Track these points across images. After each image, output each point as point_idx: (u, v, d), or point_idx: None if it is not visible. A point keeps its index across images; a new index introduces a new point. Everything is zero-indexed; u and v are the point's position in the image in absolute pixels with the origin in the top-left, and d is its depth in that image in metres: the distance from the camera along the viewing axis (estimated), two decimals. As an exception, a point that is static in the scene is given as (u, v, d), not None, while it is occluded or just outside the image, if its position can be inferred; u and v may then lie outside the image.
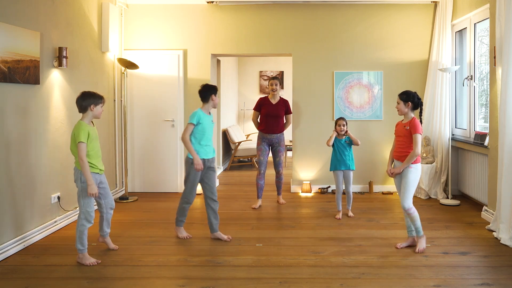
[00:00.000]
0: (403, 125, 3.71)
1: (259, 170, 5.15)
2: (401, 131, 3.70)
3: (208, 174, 3.95)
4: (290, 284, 3.00)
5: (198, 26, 5.97)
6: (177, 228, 4.04)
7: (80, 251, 3.40)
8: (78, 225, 3.39)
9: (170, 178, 6.02)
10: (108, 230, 3.69)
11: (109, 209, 3.63)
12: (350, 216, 4.72)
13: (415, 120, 3.63)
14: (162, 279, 3.11)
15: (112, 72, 5.68)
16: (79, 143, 3.25)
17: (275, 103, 5.17)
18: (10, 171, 3.63)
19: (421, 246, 3.62)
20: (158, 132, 5.99)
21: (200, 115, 3.84)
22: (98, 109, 3.40)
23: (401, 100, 3.70)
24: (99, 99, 3.42)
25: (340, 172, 4.74)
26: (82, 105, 3.36)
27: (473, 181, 5.11)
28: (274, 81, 5.16)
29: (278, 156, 5.17)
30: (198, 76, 5.99)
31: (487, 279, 3.07)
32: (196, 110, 3.87)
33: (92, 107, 3.36)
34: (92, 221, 3.43)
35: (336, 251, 3.64)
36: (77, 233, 3.39)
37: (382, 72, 5.94)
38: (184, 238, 3.98)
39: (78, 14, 4.78)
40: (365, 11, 5.92)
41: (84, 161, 3.27)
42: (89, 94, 3.39)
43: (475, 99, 5.12)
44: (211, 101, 3.91)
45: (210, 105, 3.94)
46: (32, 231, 3.89)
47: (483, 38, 5.15)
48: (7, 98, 3.60)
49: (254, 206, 5.12)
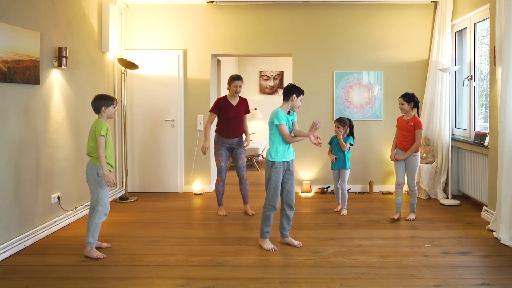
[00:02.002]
0: (406, 121, 4.49)
1: (220, 177, 4.73)
2: (405, 126, 4.48)
3: (287, 177, 3.73)
4: (290, 284, 3.00)
5: (198, 26, 5.97)
6: (263, 241, 3.73)
7: (91, 244, 3.51)
8: (95, 219, 3.51)
9: (170, 178, 6.03)
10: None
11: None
12: (342, 215, 4.77)
13: (418, 118, 4.47)
14: (162, 279, 3.11)
15: (112, 72, 5.68)
16: (100, 136, 3.44)
17: (235, 104, 4.72)
18: (10, 171, 3.63)
19: (411, 217, 4.56)
20: (158, 132, 5.99)
21: (284, 114, 3.64)
22: (110, 110, 3.60)
23: (405, 101, 4.46)
24: (110, 100, 3.61)
25: (336, 170, 4.92)
26: (95, 107, 3.59)
27: (473, 181, 5.11)
28: (239, 82, 4.64)
29: (240, 158, 4.75)
30: (198, 76, 5.99)
31: (487, 279, 3.07)
32: (278, 110, 3.65)
33: (104, 109, 3.57)
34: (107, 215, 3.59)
35: (336, 251, 3.64)
36: (92, 226, 3.50)
37: (382, 72, 5.94)
38: (270, 250, 3.66)
39: (78, 14, 4.78)
40: (365, 11, 5.92)
41: (102, 155, 3.44)
42: (101, 96, 3.61)
43: (475, 99, 5.12)
44: (290, 101, 3.69)
45: (289, 105, 3.71)
46: (32, 231, 3.89)
47: (483, 38, 5.15)
48: (7, 98, 3.60)
49: (221, 213, 4.82)
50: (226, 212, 4.86)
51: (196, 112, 6.00)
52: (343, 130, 4.79)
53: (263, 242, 3.73)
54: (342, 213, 4.81)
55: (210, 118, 4.75)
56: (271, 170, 3.64)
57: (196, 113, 6.01)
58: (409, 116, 4.47)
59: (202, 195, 5.87)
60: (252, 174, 7.57)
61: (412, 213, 4.60)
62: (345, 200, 4.85)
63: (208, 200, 5.62)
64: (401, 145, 4.52)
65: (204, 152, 4.72)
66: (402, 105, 4.46)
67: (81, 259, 3.48)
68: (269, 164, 3.67)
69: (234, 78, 4.69)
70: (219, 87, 7.53)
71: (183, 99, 5.98)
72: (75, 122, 4.68)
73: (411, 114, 4.47)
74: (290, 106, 3.71)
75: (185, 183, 6.07)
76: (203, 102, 6.00)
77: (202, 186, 5.96)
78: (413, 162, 4.46)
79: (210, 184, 6.10)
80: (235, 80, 4.66)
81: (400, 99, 4.50)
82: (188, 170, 6.05)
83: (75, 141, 4.67)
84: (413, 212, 4.60)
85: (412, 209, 4.60)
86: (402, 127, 4.52)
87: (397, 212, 4.59)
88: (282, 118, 3.61)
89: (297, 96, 3.69)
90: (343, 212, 4.82)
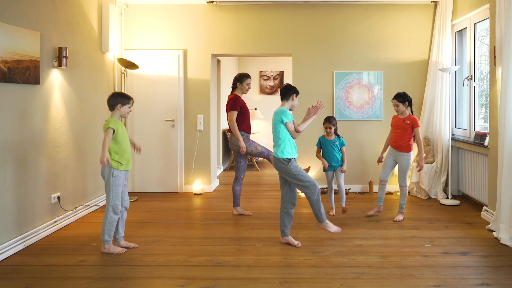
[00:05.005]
0: (402, 119, 4.46)
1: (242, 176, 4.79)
2: (401, 124, 4.45)
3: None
4: (290, 284, 3.00)
5: (198, 26, 5.97)
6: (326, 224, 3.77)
7: (107, 242, 3.59)
8: (106, 217, 3.57)
9: (170, 178, 6.03)
10: (123, 233, 3.77)
11: (124, 209, 3.75)
12: (345, 209, 4.68)
13: (414, 116, 4.46)
14: (162, 279, 3.11)
15: (112, 72, 5.68)
16: (108, 129, 3.48)
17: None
18: (10, 171, 3.63)
19: (398, 218, 4.51)
20: (158, 132, 5.99)
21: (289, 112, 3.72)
22: (125, 109, 3.64)
23: (399, 102, 4.43)
24: (127, 99, 3.66)
25: (331, 172, 4.78)
26: (111, 103, 3.62)
27: (473, 181, 5.12)
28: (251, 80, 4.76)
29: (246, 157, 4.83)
30: (198, 76, 5.99)
31: (487, 279, 3.07)
32: (284, 109, 3.69)
33: (119, 107, 3.61)
34: (119, 213, 3.62)
35: (336, 251, 3.64)
36: (106, 225, 3.57)
37: (382, 72, 5.94)
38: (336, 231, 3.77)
39: (78, 14, 4.78)
40: (365, 11, 5.92)
41: (106, 143, 3.45)
42: (118, 94, 3.66)
43: (475, 99, 5.12)
44: (290, 101, 3.75)
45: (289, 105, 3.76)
46: (32, 231, 3.89)
47: (483, 38, 5.15)
48: (7, 98, 3.60)
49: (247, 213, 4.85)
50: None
51: (196, 112, 6.01)
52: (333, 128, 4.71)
53: (326, 225, 3.76)
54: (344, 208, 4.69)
55: (235, 116, 4.60)
56: (292, 166, 3.63)
57: (196, 113, 6.01)
58: (405, 115, 4.46)
59: (202, 195, 5.87)
60: (252, 174, 7.57)
61: (400, 213, 4.54)
62: (344, 198, 4.75)
63: (208, 200, 5.62)
64: (395, 143, 4.48)
65: (244, 151, 4.57)
66: (398, 106, 4.44)
67: (81, 259, 3.48)
68: (284, 162, 3.63)
69: (246, 76, 4.71)
70: (219, 87, 7.53)
71: (183, 99, 5.98)
72: (75, 122, 4.68)
73: (407, 113, 4.45)
74: (289, 105, 3.77)
75: (185, 183, 6.07)
76: (203, 102, 6.00)
77: (202, 186, 5.96)
78: (405, 162, 4.43)
79: (210, 184, 6.10)
80: (248, 78, 4.71)
81: (394, 101, 4.46)
82: (188, 170, 6.05)
83: (75, 141, 4.67)
84: (401, 212, 4.54)
85: (400, 209, 4.54)
86: (397, 125, 4.49)
87: (377, 207, 4.62)
88: (290, 116, 3.68)
89: (296, 95, 3.78)
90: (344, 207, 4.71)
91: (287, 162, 3.64)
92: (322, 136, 4.83)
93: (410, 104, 4.46)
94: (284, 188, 3.77)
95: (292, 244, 3.77)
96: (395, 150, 4.49)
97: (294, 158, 3.68)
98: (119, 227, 3.72)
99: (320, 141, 4.81)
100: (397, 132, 4.47)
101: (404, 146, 4.42)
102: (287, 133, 3.68)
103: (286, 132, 3.68)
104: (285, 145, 3.66)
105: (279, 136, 3.66)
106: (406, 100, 4.41)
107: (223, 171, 7.90)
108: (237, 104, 4.61)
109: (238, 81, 4.69)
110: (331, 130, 4.71)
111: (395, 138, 4.49)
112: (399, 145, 4.44)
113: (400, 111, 4.45)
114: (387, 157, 4.58)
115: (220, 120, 7.77)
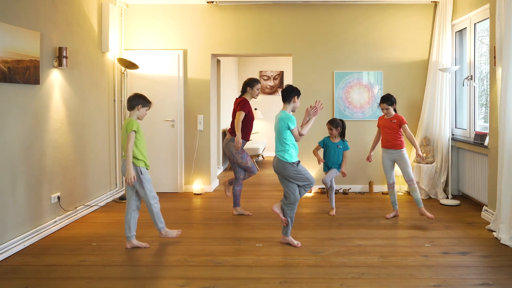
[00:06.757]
0: (388, 120, 4.57)
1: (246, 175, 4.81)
2: (389, 124, 4.55)
3: None
4: (290, 284, 3.01)
5: (198, 26, 5.97)
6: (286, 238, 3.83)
7: (162, 228, 3.83)
8: (152, 210, 3.74)
9: (170, 178, 6.03)
10: (135, 232, 3.79)
11: (136, 208, 3.81)
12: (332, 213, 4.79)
13: (399, 115, 4.57)
14: (162, 279, 3.11)
15: (112, 72, 5.68)
16: (132, 132, 3.54)
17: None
18: (10, 172, 3.63)
19: (429, 215, 4.36)
20: (158, 132, 5.99)
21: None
22: (143, 111, 3.72)
23: (389, 106, 4.52)
24: (148, 102, 3.75)
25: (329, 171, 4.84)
26: (132, 103, 3.69)
27: (473, 181, 5.11)
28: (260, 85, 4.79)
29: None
30: (198, 76, 5.99)
31: (487, 279, 3.07)
32: (289, 115, 3.72)
33: (139, 107, 3.69)
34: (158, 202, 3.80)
35: (336, 251, 3.65)
36: (154, 215, 3.76)
37: (382, 72, 5.94)
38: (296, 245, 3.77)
39: (78, 14, 4.78)
40: (365, 11, 5.92)
41: (130, 149, 3.55)
42: (140, 95, 3.75)
43: (475, 99, 5.12)
44: (292, 103, 3.76)
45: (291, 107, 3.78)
46: (32, 231, 3.89)
47: (483, 38, 5.15)
48: (7, 98, 3.60)
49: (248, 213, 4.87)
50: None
51: (196, 112, 6.01)
52: (336, 131, 4.76)
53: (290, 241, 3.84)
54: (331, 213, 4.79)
55: (243, 116, 4.55)
56: (301, 167, 3.74)
57: (196, 113, 6.01)
58: (391, 115, 4.54)
59: (202, 195, 5.86)
60: (252, 174, 7.56)
61: (422, 209, 4.40)
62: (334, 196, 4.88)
63: (208, 200, 5.62)
64: (389, 143, 4.55)
65: (239, 147, 4.54)
66: (388, 109, 4.52)
67: (81, 259, 3.48)
68: (290, 165, 3.68)
69: (257, 81, 4.69)
70: (219, 87, 7.53)
71: (183, 99, 5.98)
72: (75, 122, 4.68)
73: (392, 113, 4.54)
74: (291, 107, 3.79)
75: (185, 183, 6.07)
76: (203, 102, 6.00)
77: (202, 186, 5.96)
78: (404, 157, 4.49)
79: (210, 184, 6.10)
80: (258, 83, 4.70)
81: (382, 105, 4.53)
82: (188, 170, 6.05)
83: (75, 141, 4.67)
84: (423, 207, 4.41)
85: (419, 205, 4.43)
86: (385, 125, 4.57)
87: (394, 210, 4.66)
88: (295, 121, 3.73)
89: (297, 97, 3.80)
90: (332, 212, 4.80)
91: (296, 164, 3.72)
92: (327, 137, 4.86)
93: (395, 104, 4.57)
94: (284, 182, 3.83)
95: (292, 244, 3.78)
96: (391, 149, 4.54)
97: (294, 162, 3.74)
98: (131, 226, 3.74)
99: (324, 141, 4.84)
100: (387, 132, 4.55)
101: (398, 143, 4.52)
102: (292, 138, 3.74)
103: (292, 137, 3.74)
104: (292, 149, 3.73)
105: (286, 142, 3.71)
106: (394, 103, 4.52)
107: (223, 171, 7.90)
108: (247, 107, 4.61)
109: (249, 86, 4.68)
110: (332, 132, 4.73)
111: (387, 138, 4.56)
112: (394, 144, 4.52)
113: (390, 114, 4.54)
114: (384, 160, 4.64)
115: (220, 120, 7.76)
